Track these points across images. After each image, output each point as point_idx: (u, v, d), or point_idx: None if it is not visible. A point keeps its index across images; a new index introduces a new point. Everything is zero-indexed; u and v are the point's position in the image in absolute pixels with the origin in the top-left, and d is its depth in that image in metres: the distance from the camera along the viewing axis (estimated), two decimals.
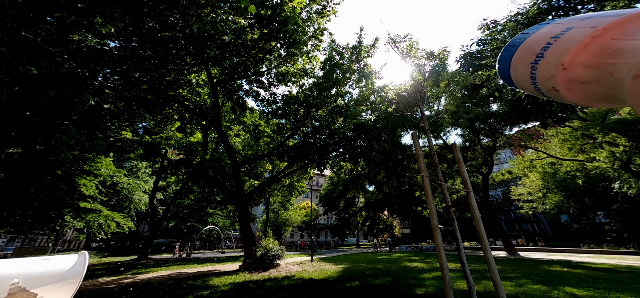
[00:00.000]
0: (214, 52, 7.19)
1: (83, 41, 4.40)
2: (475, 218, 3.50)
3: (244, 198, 10.96)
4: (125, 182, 16.46)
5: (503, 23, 7.28)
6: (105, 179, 13.90)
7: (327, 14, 8.33)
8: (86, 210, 13.44)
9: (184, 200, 20.41)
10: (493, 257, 3.21)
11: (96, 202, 13.35)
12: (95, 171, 9.40)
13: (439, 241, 3.14)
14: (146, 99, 6.71)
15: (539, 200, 17.30)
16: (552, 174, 15.53)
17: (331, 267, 10.83)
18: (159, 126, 9.52)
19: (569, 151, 12.35)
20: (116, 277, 8.55)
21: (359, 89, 11.94)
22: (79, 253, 0.49)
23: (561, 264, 10.49)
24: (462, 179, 3.70)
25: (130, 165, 18.32)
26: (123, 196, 17.68)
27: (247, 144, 14.41)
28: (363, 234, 48.63)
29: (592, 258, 14.04)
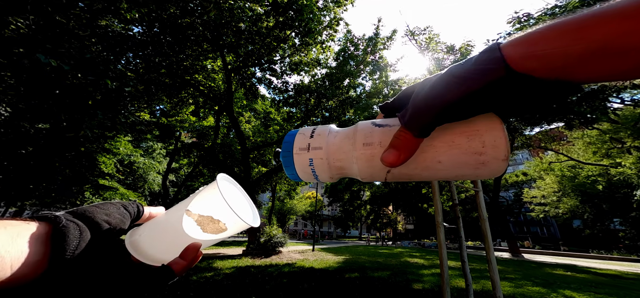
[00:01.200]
0: (230, 39, 7.22)
1: (110, 25, 4.53)
2: (481, 218, 3.49)
3: (252, 184, 11.21)
4: (141, 162, 17.12)
5: (537, 16, 6.80)
6: (123, 158, 14.50)
7: (344, 4, 8.14)
8: (104, 187, 14.12)
9: (194, 183, 21.07)
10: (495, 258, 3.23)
11: (114, 180, 14.00)
12: (114, 149, 9.82)
13: (442, 239, 3.17)
14: (164, 83, 6.89)
15: (552, 204, 16.83)
16: (571, 177, 14.96)
17: (332, 257, 11.06)
18: (175, 109, 9.76)
19: (593, 154, 11.81)
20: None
21: (372, 82, 11.74)
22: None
23: (565, 268, 10.35)
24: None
25: (146, 146, 18.97)
26: (138, 176, 18.43)
27: (257, 131, 14.59)
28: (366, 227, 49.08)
29: (599, 263, 13.75)
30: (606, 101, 7.77)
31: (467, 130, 0.30)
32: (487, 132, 0.29)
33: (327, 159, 0.40)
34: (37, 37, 3.96)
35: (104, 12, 3.93)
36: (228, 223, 0.39)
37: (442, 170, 0.33)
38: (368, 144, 0.36)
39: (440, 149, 0.32)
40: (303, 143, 0.42)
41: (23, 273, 0.24)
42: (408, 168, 0.34)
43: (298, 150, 0.42)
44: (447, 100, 0.27)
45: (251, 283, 5.24)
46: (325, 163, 0.40)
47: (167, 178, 19.77)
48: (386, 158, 0.32)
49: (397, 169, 0.34)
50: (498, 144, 0.29)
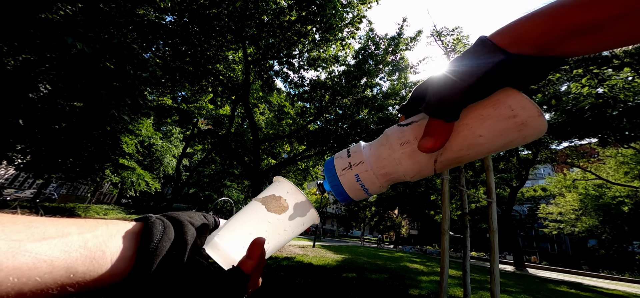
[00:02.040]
0: (253, 31, 7.31)
1: (146, 14, 4.70)
2: (491, 230, 3.43)
3: (260, 175, 11.40)
4: (160, 144, 17.74)
5: None
6: (144, 140, 15.07)
7: (368, 1, 8.03)
8: (123, 166, 14.78)
9: (206, 169, 21.67)
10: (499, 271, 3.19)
11: (133, 160, 14.60)
12: (137, 130, 10.22)
13: (446, 246, 3.16)
14: (188, 71, 7.09)
15: (569, 221, 16.16)
16: (595, 197, 14.25)
17: (331, 255, 11.13)
18: (195, 96, 10.02)
19: (624, 175, 11.20)
20: None
21: (390, 82, 11.58)
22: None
23: (569, 285, 10.02)
24: (487, 188, 3.63)
25: (166, 129, 19.62)
26: (155, 158, 19.13)
27: (270, 123, 14.76)
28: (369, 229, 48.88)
29: (608, 283, 13.20)
30: None
31: (490, 102, 0.33)
32: (509, 97, 0.32)
33: (371, 171, 0.41)
34: (76, 20, 4.18)
35: (143, 2, 4.09)
36: (289, 200, 0.42)
37: (487, 143, 0.34)
38: (405, 143, 0.39)
39: (474, 125, 0.34)
40: (344, 163, 0.44)
41: (119, 268, 0.26)
42: (453, 152, 0.36)
43: (341, 171, 0.43)
44: (467, 83, 0.31)
45: None
46: (371, 174, 0.41)
47: (181, 163, 20.44)
48: (424, 144, 0.34)
49: (443, 157, 0.36)
50: (524, 105, 0.32)
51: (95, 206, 19.41)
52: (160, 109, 8.43)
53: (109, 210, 19.90)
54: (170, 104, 9.76)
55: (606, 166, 12.68)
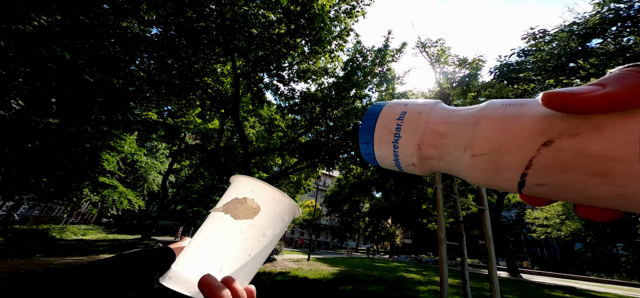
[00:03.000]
0: (242, 44, 7.33)
1: (129, 27, 4.61)
2: (486, 237, 3.44)
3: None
4: (144, 161, 17.03)
5: (553, 33, 6.84)
6: (126, 156, 14.42)
7: (355, 15, 8.31)
8: (104, 184, 14.00)
9: (194, 185, 20.93)
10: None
11: (114, 178, 13.87)
12: (119, 147, 9.78)
13: (444, 256, 3.11)
14: (174, 84, 6.93)
15: (554, 226, 16.67)
16: None
17: (327, 268, 10.85)
18: (182, 111, 9.79)
19: None
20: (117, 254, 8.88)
21: (379, 93, 11.84)
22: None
23: (564, 290, 10.15)
24: (478, 196, 3.67)
25: (150, 145, 18.93)
26: (139, 175, 18.31)
27: (261, 136, 14.60)
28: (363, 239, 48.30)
29: (598, 287, 13.50)
30: None
31: None
32: None
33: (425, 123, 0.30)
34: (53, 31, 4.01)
35: (126, 14, 4.00)
36: (257, 198, 0.35)
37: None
38: (513, 105, 0.24)
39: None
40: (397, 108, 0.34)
41: None
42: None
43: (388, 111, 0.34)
44: None
45: None
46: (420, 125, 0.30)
47: (167, 179, 19.66)
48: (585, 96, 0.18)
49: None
50: None
51: (72, 226, 18.11)
52: (145, 125, 8.14)
53: (87, 230, 18.60)
54: (155, 118, 9.46)
55: None
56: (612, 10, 5.81)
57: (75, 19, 3.58)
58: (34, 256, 7.42)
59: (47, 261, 6.83)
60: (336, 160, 13.30)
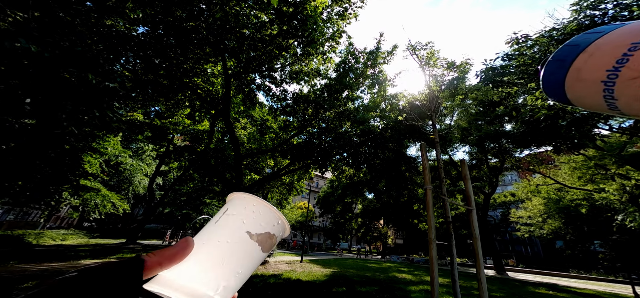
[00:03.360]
0: (233, 44, 7.20)
1: (114, 25, 4.40)
2: (474, 237, 3.51)
3: (242, 191, 10.93)
4: (129, 163, 16.39)
5: (535, 38, 7.11)
6: (110, 158, 13.81)
7: (348, 17, 8.35)
8: (86, 187, 13.35)
9: (183, 187, 20.34)
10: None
11: (97, 180, 13.25)
12: (102, 149, 9.35)
13: (434, 256, 3.15)
14: (162, 84, 6.71)
15: (537, 224, 17.37)
16: (556, 200, 15.57)
17: (320, 269, 10.83)
18: (170, 111, 9.49)
19: (578, 179, 12.35)
20: (99, 259, 8.51)
21: (371, 95, 11.96)
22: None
23: (547, 287, 10.59)
24: (466, 197, 3.73)
25: (136, 146, 18.24)
26: (124, 177, 17.61)
27: (253, 137, 14.39)
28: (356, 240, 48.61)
29: (579, 283, 14.20)
30: (594, 127, 8.18)
31: None
32: None
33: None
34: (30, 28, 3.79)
35: (111, 12, 3.82)
36: (278, 232, 0.38)
37: None
38: None
39: None
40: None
41: None
42: None
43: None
44: None
45: None
46: None
47: (154, 181, 19.01)
48: None
49: None
50: None
51: (49, 232, 17.16)
52: (131, 125, 7.81)
53: (67, 235, 17.68)
54: (141, 119, 9.12)
55: (562, 172, 14.04)
56: (588, 17, 6.11)
57: (54, 16, 3.39)
58: (7, 263, 6.97)
59: (22, 268, 6.42)
60: (329, 162, 13.31)
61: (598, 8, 6.00)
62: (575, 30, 6.20)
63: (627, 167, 9.38)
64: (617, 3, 5.72)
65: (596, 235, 15.22)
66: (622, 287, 12.58)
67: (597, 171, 10.73)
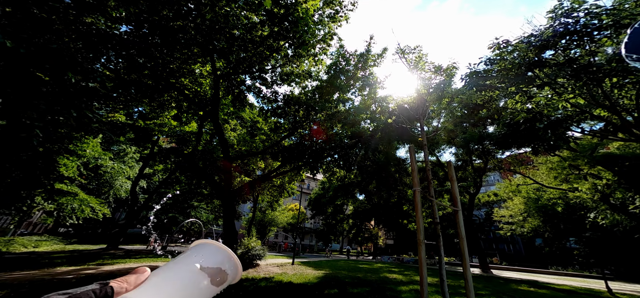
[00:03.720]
0: (222, 45, 7.03)
1: (95, 23, 4.15)
2: (460, 237, 3.62)
3: (232, 194, 10.70)
4: (110, 166, 15.57)
5: (515, 44, 7.42)
6: (88, 161, 13.06)
7: (339, 20, 8.40)
8: (61, 191, 12.53)
9: (169, 190, 19.60)
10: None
11: (74, 184, 12.49)
12: (80, 151, 8.81)
13: (423, 256, 3.22)
14: (146, 85, 6.42)
15: (518, 223, 18.18)
16: (535, 199, 16.40)
17: (312, 272, 10.78)
18: (155, 112, 9.10)
19: (554, 179, 13.08)
20: (77, 266, 8.03)
21: (361, 97, 12.06)
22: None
23: (528, 284, 11.08)
24: (452, 198, 3.84)
25: (118, 149, 17.35)
26: (104, 181, 16.71)
27: (243, 139, 14.12)
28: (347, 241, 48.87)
29: (557, 279, 15.01)
30: (568, 130, 8.69)
31: None
32: None
33: None
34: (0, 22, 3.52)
35: (92, 9, 3.61)
36: (230, 270, 0.45)
37: None
38: None
39: None
40: None
41: None
42: None
43: None
44: None
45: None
46: None
47: (138, 184, 18.19)
48: None
49: None
50: None
51: (21, 238, 15.99)
52: (112, 127, 7.41)
53: (41, 242, 16.54)
54: (123, 120, 8.69)
55: (540, 172, 14.87)
56: (562, 24, 6.48)
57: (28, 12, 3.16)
58: None
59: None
60: (320, 163, 13.28)
61: (571, 16, 6.36)
62: (550, 36, 6.55)
63: (598, 167, 10.03)
64: (587, 12, 6.08)
65: (571, 233, 16.15)
66: (596, 283, 13.41)
67: (571, 172, 11.41)
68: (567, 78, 6.86)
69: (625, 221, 11.63)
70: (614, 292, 9.17)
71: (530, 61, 7.14)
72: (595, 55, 6.48)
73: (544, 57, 7.19)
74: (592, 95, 7.03)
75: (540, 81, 7.37)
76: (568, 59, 6.73)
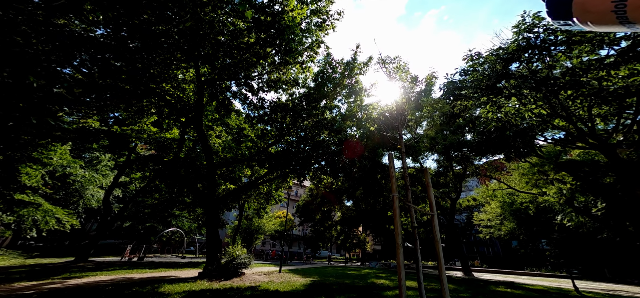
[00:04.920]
0: (207, 51, 6.88)
1: (68, 25, 3.88)
2: (436, 240, 3.76)
3: (216, 202, 10.33)
4: (80, 174, 14.42)
5: (485, 56, 7.97)
6: (56, 169, 12.00)
7: (326, 28, 8.54)
8: (22, 202, 11.40)
9: (147, 199, 18.49)
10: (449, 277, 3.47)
11: (37, 194, 11.42)
12: (45, 159, 8.08)
13: (401, 260, 3.31)
14: (124, 89, 6.08)
15: (496, 226, 19.12)
16: (510, 203, 17.38)
17: (299, 279, 10.58)
18: (132, 118, 8.62)
19: (525, 184, 13.96)
20: (39, 281, 7.28)
21: (348, 105, 12.25)
22: None
23: (505, 285, 11.60)
24: (429, 203, 4.01)
25: (90, 156, 16.14)
26: (73, 190, 15.43)
27: (228, 146, 13.75)
28: (336, 248, 48.64)
29: (532, 280, 15.88)
30: (534, 138, 9.39)
31: None
32: None
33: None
34: None
35: (65, 11, 3.38)
36: None
37: None
38: None
39: None
40: None
41: None
42: None
43: None
44: None
45: None
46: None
47: (111, 193, 17.01)
48: None
49: None
50: None
51: None
52: (82, 133, 6.89)
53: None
54: (97, 126, 8.14)
55: (513, 178, 15.87)
56: (525, 39, 7.09)
57: None
58: None
59: None
60: (307, 170, 13.23)
61: (532, 31, 6.98)
62: (515, 50, 7.13)
63: (562, 173, 10.86)
64: (546, 28, 6.70)
65: (542, 234, 17.24)
66: (565, 282, 14.31)
67: (540, 177, 12.28)
68: (529, 90, 7.44)
69: (589, 223, 12.63)
70: (581, 291, 9.83)
71: (498, 72, 7.70)
72: (553, 69, 7.09)
73: (511, 69, 7.79)
74: (551, 106, 7.65)
75: (508, 92, 7.95)
76: (531, 72, 7.32)
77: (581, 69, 6.35)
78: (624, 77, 6.01)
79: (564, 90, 6.84)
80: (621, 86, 6.12)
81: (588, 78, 6.29)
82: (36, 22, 3.31)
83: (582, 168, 9.89)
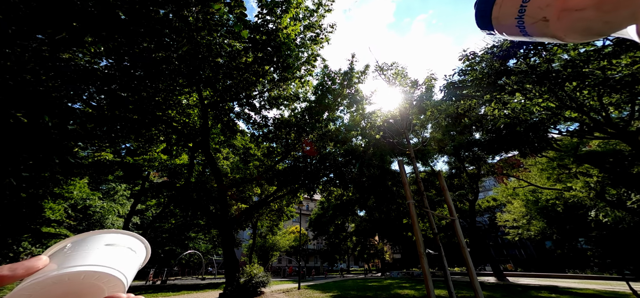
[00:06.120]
0: (207, 74, 7.19)
1: (73, 58, 4.23)
2: (461, 245, 3.44)
3: (229, 222, 10.38)
4: (99, 205, 15.18)
5: (481, 55, 7.81)
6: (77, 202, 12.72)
7: (320, 41, 8.72)
8: (49, 234, 12.09)
9: (164, 224, 19.01)
10: (481, 283, 3.12)
11: (62, 226, 12.08)
12: (66, 193, 8.60)
13: (426, 269, 3.03)
14: (132, 120, 6.43)
15: (523, 226, 17.66)
16: (534, 201, 16.08)
17: (319, 295, 10.18)
18: (143, 148, 9.05)
19: (547, 180, 12.93)
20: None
21: (350, 114, 12.20)
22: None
23: (548, 290, 10.48)
24: (447, 206, 3.73)
25: (107, 187, 17.04)
26: (94, 220, 16.21)
27: (236, 167, 14.00)
28: (353, 259, 46.88)
29: (577, 283, 14.23)
30: (546, 132, 8.83)
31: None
32: None
33: None
34: None
35: (68, 45, 3.67)
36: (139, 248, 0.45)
37: None
38: None
39: None
40: None
41: None
42: None
43: None
44: None
45: None
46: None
47: (131, 221, 17.65)
48: None
49: None
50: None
51: None
52: (98, 166, 7.29)
53: None
54: (111, 158, 8.59)
55: (532, 174, 14.71)
56: None
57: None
58: None
59: None
60: (316, 184, 13.10)
61: None
62: (509, 47, 6.90)
63: (585, 165, 9.98)
64: None
65: (578, 233, 15.65)
66: (618, 284, 12.68)
67: (561, 171, 11.33)
68: (532, 85, 7.15)
69: (628, 217, 11.34)
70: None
71: (497, 70, 7.49)
72: (552, 62, 6.80)
73: (509, 66, 7.57)
74: (558, 98, 7.30)
75: (510, 88, 7.66)
76: (530, 67, 7.06)
77: (581, 60, 6.06)
78: (627, 65, 5.67)
79: (568, 82, 6.51)
80: (627, 74, 5.74)
81: (590, 69, 5.98)
82: (43, 57, 3.59)
83: (607, 159, 9.07)
